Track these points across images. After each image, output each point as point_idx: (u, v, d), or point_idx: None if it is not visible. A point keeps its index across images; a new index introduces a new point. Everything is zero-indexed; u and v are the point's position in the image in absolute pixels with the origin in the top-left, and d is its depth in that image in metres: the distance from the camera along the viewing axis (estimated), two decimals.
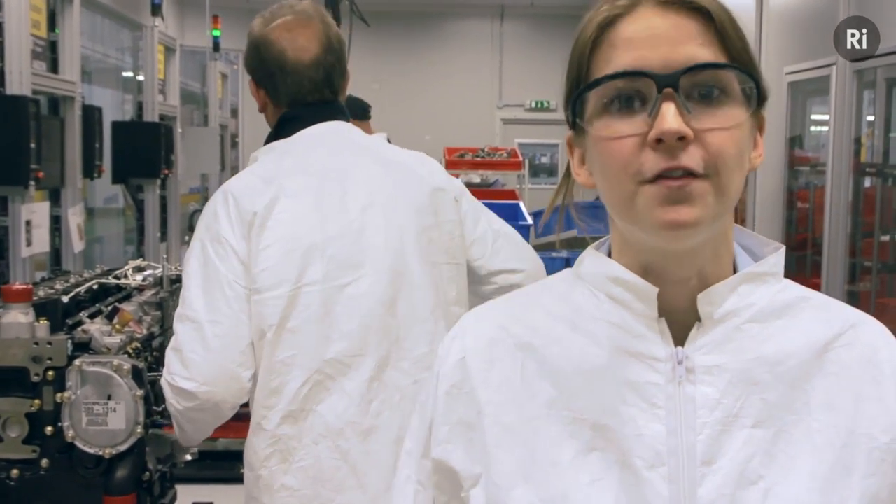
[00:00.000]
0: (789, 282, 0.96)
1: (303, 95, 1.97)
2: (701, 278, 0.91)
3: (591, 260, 0.97)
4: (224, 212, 1.84)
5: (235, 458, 2.71)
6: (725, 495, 0.87)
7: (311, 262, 1.82)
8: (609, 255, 0.96)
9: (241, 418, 2.67)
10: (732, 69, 0.87)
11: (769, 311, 0.92)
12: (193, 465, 2.14)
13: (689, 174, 0.84)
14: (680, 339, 0.90)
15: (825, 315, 0.95)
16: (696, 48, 0.86)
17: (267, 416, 1.83)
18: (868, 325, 0.96)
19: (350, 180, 1.91)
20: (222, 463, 2.65)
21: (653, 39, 0.87)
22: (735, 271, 0.94)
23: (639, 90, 0.87)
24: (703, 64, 0.86)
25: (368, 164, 1.95)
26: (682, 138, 0.84)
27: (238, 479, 2.66)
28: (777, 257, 0.95)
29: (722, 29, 0.88)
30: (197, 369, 1.76)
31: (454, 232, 1.97)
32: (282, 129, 1.99)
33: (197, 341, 1.77)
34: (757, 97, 0.89)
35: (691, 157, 0.84)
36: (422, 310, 1.88)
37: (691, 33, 0.87)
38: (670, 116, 0.84)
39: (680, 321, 0.91)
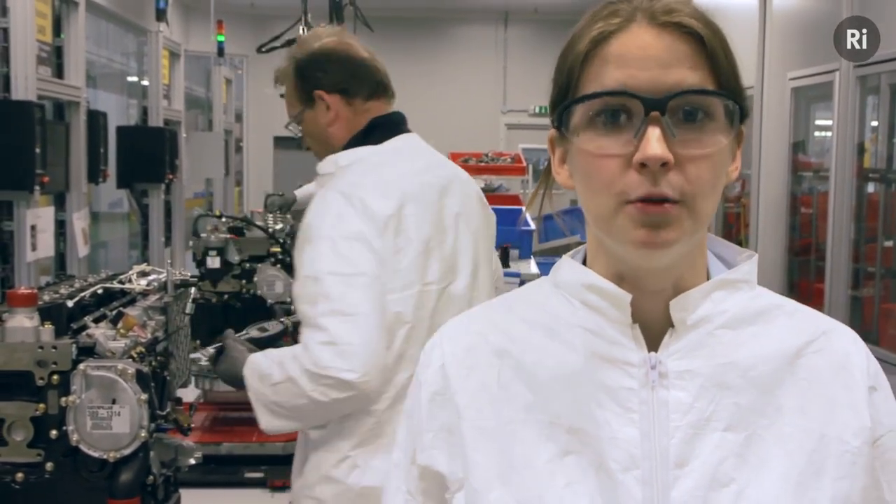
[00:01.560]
0: (763, 289, 0.98)
1: (384, 86, 2.12)
2: (675, 287, 0.93)
3: (567, 267, 0.98)
4: (353, 212, 1.95)
5: (239, 462, 2.71)
6: (697, 497, 0.88)
7: (430, 265, 1.99)
8: (585, 262, 0.98)
9: (246, 422, 2.68)
10: (719, 97, 0.88)
11: (742, 318, 0.94)
12: (197, 469, 2.14)
13: (668, 200, 0.86)
14: (654, 344, 0.92)
15: (797, 322, 0.97)
16: (685, 72, 0.88)
17: (377, 400, 1.94)
18: (839, 332, 0.98)
19: (443, 190, 2.09)
20: (226, 468, 2.65)
21: (644, 59, 0.88)
22: (708, 279, 0.95)
23: (625, 105, 0.88)
24: (691, 90, 0.87)
25: (449, 176, 2.15)
26: (664, 164, 0.85)
27: (242, 484, 2.65)
28: (750, 265, 0.96)
29: (713, 54, 0.89)
30: (358, 361, 1.85)
31: (492, 244, 2.22)
32: (370, 134, 2.09)
33: (354, 334, 1.86)
34: (740, 118, 0.90)
35: (671, 185, 0.86)
36: None
37: (682, 56, 0.88)
38: (654, 142, 0.85)
39: (654, 327, 0.93)
